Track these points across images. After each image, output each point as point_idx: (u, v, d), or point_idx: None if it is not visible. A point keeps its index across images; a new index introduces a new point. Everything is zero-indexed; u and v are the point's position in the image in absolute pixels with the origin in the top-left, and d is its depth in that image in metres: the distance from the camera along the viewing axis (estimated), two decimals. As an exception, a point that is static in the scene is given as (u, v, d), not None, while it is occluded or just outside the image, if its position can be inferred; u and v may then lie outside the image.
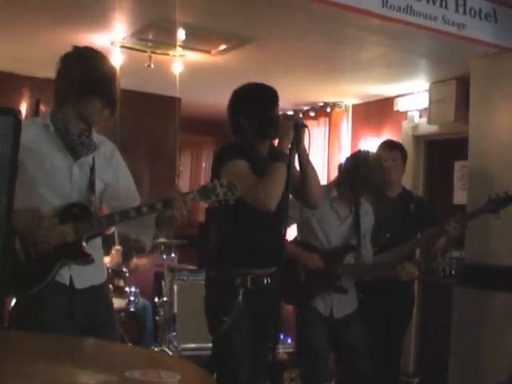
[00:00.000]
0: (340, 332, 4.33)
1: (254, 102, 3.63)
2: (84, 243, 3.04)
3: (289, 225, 4.20)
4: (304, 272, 4.32)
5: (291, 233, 4.53)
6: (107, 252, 6.20)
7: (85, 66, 3.04)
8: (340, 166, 4.58)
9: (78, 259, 3.04)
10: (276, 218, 3.46)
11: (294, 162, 3.48)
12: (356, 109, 7.66)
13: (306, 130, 3.49)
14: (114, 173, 3.22)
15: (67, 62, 3.09)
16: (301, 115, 7.86)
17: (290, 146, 3.44)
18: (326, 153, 7.70)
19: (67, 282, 3.02)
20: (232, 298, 3.52)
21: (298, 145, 3.47)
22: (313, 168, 3.66)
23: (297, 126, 3.44)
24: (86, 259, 3.05)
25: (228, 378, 3.51)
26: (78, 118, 3.08)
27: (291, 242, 4.45)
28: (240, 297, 3.52)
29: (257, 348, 3.61)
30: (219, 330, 3.53)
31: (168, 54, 5.87)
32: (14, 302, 3.17)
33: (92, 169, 3.10)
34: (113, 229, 5.60)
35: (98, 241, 3.21)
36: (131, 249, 6.53)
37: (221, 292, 3.60)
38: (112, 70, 3.16)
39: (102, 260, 3.33)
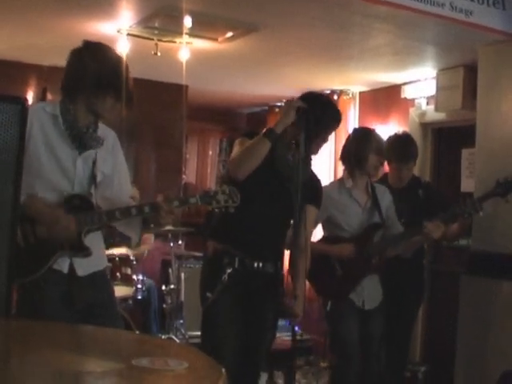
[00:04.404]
0: (364, 324, 4.33)
1: None
2: (83, 236, 3.05)
3: (315, 225, 4.20)
4: (339, 264, 4.31)
5: (318, 233, 4.55)
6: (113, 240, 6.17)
7: (98, 62, 3.06)
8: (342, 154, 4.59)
9: (76, 252, 3.06)
10: (283, 218, 3.59)
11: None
12: (363, 96, 7.64)
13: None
14: (112, 163, 3.25)
15: (79, 56, 3.10)
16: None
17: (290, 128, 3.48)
18: (333, 140, 7.67)
19: (65, 270, 3.04)
20: (217, 275, 3.56)
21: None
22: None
23: (299, 109, 3.47)
24: (84, 252, 3.07)
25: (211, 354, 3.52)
26: (88, 111, 3.09)
27: (319, 241, 4.47)
28: (226, 276, 3.55)
29: (248, 332, 3.63)
30: (204, 305, 3.59)
31: (175, 42, 5.84)
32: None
33: (94, 162, 3.12)
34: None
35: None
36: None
37: (209, 269, 3.70)
38: (124, 65, 3.17)
39: (102, 246, 3.33)
